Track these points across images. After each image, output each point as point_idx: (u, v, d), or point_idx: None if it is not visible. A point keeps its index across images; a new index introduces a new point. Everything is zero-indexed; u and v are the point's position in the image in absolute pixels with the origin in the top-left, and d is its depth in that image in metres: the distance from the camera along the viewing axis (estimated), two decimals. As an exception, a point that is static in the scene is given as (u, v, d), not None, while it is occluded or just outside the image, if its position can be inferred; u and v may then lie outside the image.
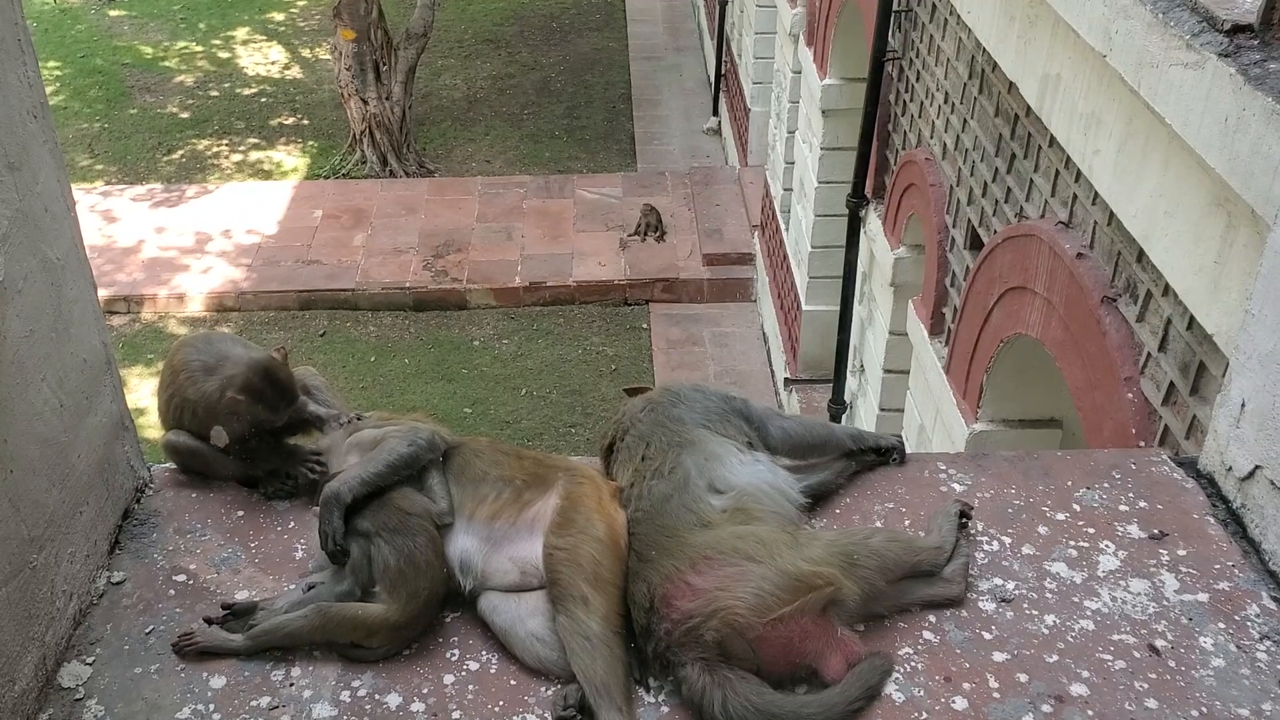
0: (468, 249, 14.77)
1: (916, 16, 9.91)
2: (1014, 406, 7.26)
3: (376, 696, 2.37)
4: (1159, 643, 2.47)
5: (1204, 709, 2.32)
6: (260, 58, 21.03)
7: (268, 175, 17.13)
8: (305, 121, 18.74)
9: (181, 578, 2.64)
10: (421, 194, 16.15)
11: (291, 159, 17.60)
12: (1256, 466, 2.66)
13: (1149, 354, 5.06)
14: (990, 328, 7.93)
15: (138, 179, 16.83)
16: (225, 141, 18.22)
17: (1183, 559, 2.67)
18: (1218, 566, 2.65)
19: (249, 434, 2.76)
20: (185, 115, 18.86)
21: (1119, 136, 5.81)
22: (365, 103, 16.87)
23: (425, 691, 2.38)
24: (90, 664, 2.43)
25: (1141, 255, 5.42)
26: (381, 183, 16.65)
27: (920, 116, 10.02)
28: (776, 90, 13.83)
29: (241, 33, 21.88)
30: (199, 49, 21.22)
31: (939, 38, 9.28)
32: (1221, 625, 2.51)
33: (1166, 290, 4.92)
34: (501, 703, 2.35)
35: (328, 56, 19.11)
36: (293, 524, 2.81)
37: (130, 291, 13.96)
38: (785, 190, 13.00)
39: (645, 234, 15.00)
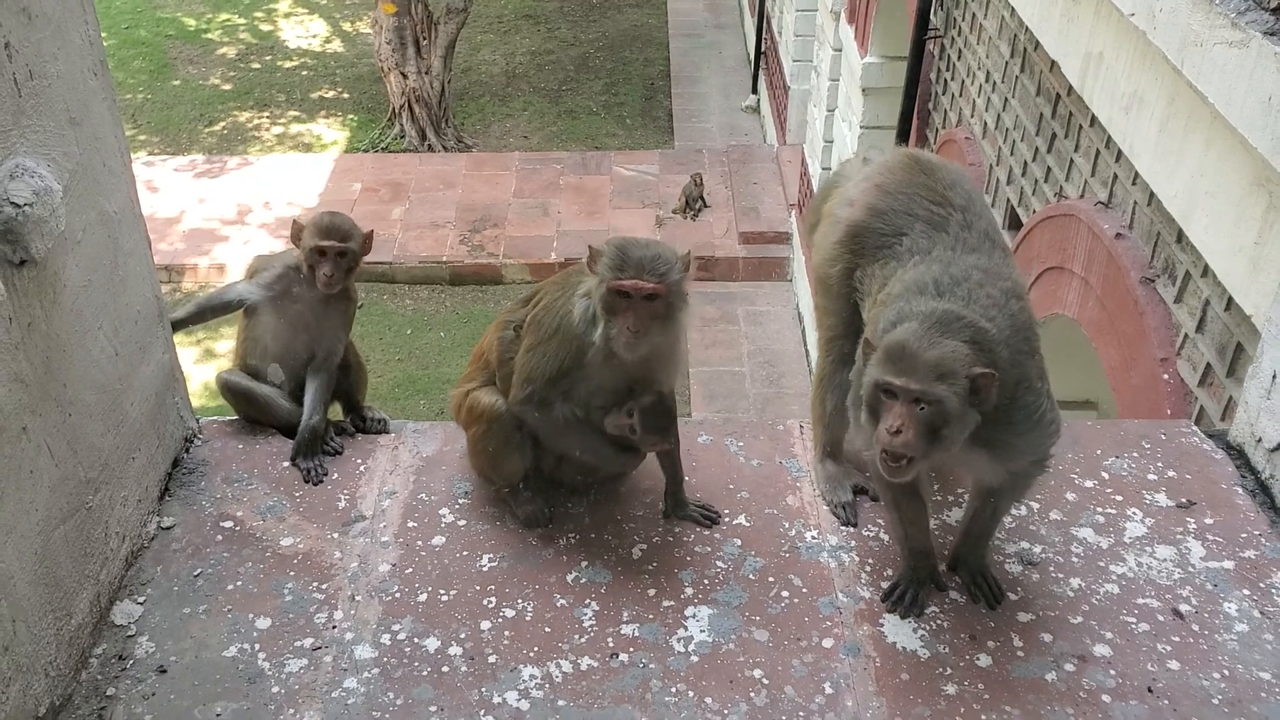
0: (504, 224, 14.83)
1: (959, -7, 9.85)
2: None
3: (416, 640, 2.44)
4: (1183, 607, 2.50)
5: (1225, 671, 2.36)
6: (302, 30, 21.15)
7: (308, 148, 17.25)
8: (345, 95, 18.85)
9: (229, 524, 2.73)
10: (459, 169, 16.21)
11: (331, 132, 17.72)
12: (1286, 437, 2.68)
13: (1186, 335, 5.06)
14: (1027, 308, 7.90)
15: (180, 150, 17.00)
16: (266, 114, 18.35)
17: (1209, 527, 2.70)
18: (1244, 535, 2.68)
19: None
20: (227, 87, 19.02)
21: (1160, 116, 5.78)
22: (405, 77, 16.95)
23: (463, 636, 2.45)
24: (141, 603, 2.52)
25: (1181, 236, 5.40)
26: (420, 157, 16.73)
27: (961, 95, 9.98)
28: (816, 68, 13.79)
29: (283, 5, 22.00)
30: (241, 21, 21.37)
31: (981, 16, 9.24)
32: (1246, 592, 2.54)
33: (1206, 271, 4.92)
34: (536, 648, 2.42)
35: (368, 30, 19.20)
36: (336, 475, 2.89)
37: (171, 261, 14.11)
38: (823, 169, 12.97)
39: (699, 205, 15.02)
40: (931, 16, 10.69)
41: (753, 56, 18.55)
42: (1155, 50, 5.65)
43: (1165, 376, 5.11)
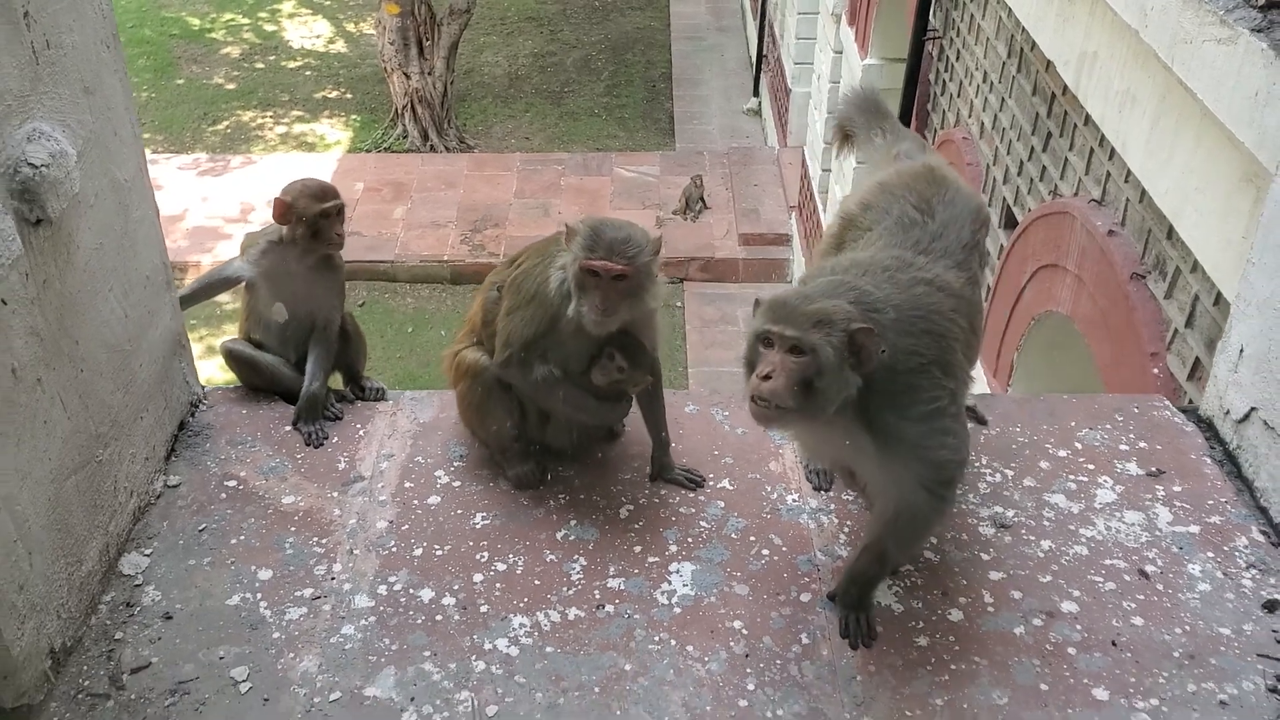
0: (505, 224, 14.94)
1: (957, -5, 9.96)
2: (1042, 384, 7.38)
3: (411, 590, 2.55)
4: (1149, 568, 2.60)
5: (1187, 627, 2.46)
6: (305, 31, 21.28)
7: (311, 148, 17.37)
8: (349, 95, 18.97)
9: (232, 483, 2.83)
10: (461, 169, 16.33)
11: (335, 132, 17.84)
12: (1252, 408, 2.78)
13: (1175, 329, 5.16)
14: (1022, 305, 8.02)
15: (183, 148, 17.13)
16: (270, 113, 18.46)
17: (1177, 494, 2.80)
18: (1210, 502, 2.78)
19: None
20: (231, 86, 19.14)
21: (1152, 114, 5.89)
22: (408, 77, 17.07)
23: (456, 587, 2.55)
24: (148, 555, 2.62)
25: (1171, 232, 5.51)
26: (422, 157, 16.84)
27: (959, 96, 10.09)
28: (817, 70, 13.90)
29: (287, 6, 22.14)
30: (245, 21, 21.50)
31: (979, 17, 9.34)
32: (1210, 555, 2.64)
33: (1195, 266, 5.02)
34: (526, 599, 2.52)
35: (372, 31, 19.32)
36: (336, 439, 2.99)
37: (175, 258, 14.16)
38: (824, 171, 13.08)
39: (699, 206, 15.12)
40: (930, 18, 10.80)
41: (754, 59, 18.68)
42: (1147, 48, 5.76)
43: (1155, 371, 5.21)
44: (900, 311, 2.29)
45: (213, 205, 15.31)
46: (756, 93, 18.57)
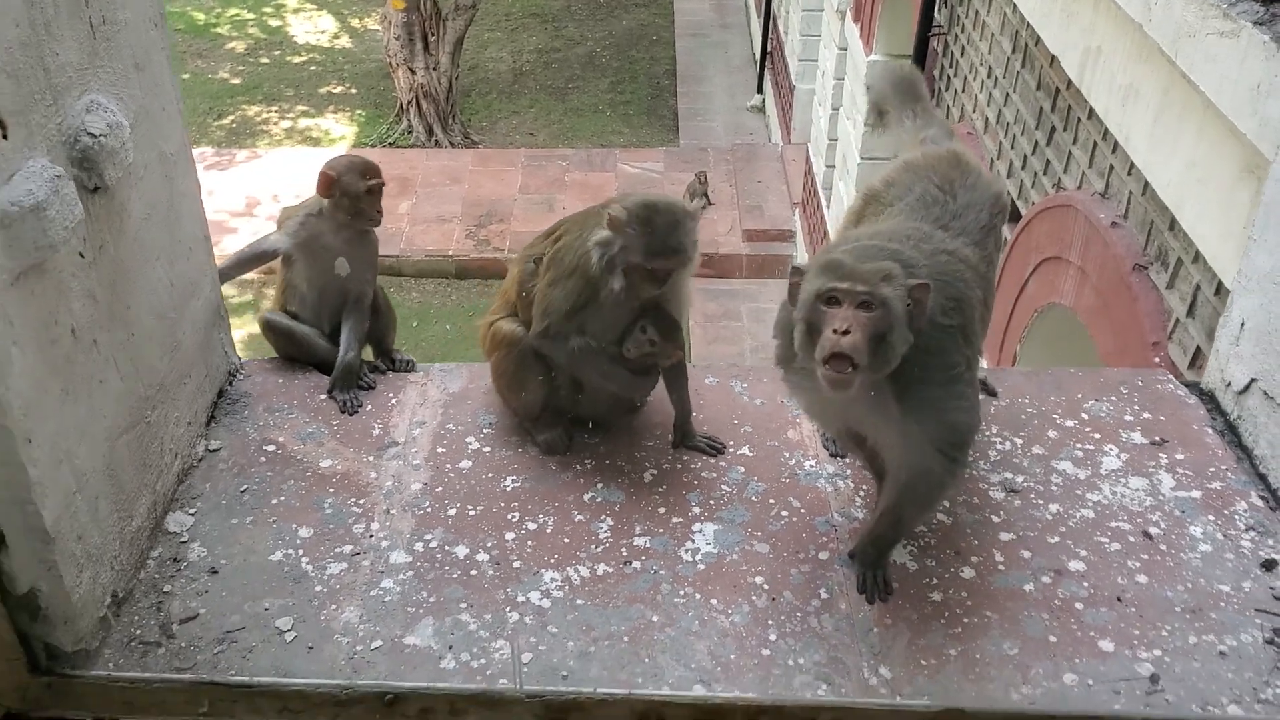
0: (510, 219, 15.05)
1: (961, -10, 10.07)
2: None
3: (446, 548, 2.66)
4: (1152, 530, 2.72)
5: (1189, 585, 2.57)
6: (310, 26, 21.40)
7: (316, 142, 17.49)
8: (353, 90, 19.09)
9: (271, 448, 2.94)
10: (466, 164, 16.45)
11: (340, 127, 17.96)
12: (1252, 379, 2.89)
13: (1177, 320, 5.27)
14: (1025, 298, 8.13)
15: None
16: (275, 108, 18.59)
17: (1180, 462, 2.92)
18: (1212, 469, 2.89)
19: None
20: (236, 81, 19.26)
21: (1155, 107, 6.00)
22: (413, 72, 17.19)
23: (489, 545, 2.66)
24: (192, 514, 2.73)
25: (1173, 223, 5.61)
26: (427, 152, 16.96)
27: (963, 91, 10.19)
28: (821, 67, 14.01)
29: (292, 1, 22.27)
30: (250, 16, 21.63)
31: (984, 12, 9.44)
32: (1211, 518, 2.75)
33: (1196, 257, 5.13)
34: (556, 556, 2.64)
35: (377, 27, 19.45)
36: (369, 407, 3.10)
37: (183, 249, 14.34)
38: (828, 167, 13.18)
39: (703, 201, 15.23)
40: (935, 14, 10.89)
41: (758, 56, 18.79)
42: (1151, 42, 5.87)
43: (1157, 360, 5.32)
44: (929, 275, 2.37)
45: (218, 199, 15.42)
46: (761, 89, 18.69)
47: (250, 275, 3.27)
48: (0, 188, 2.01)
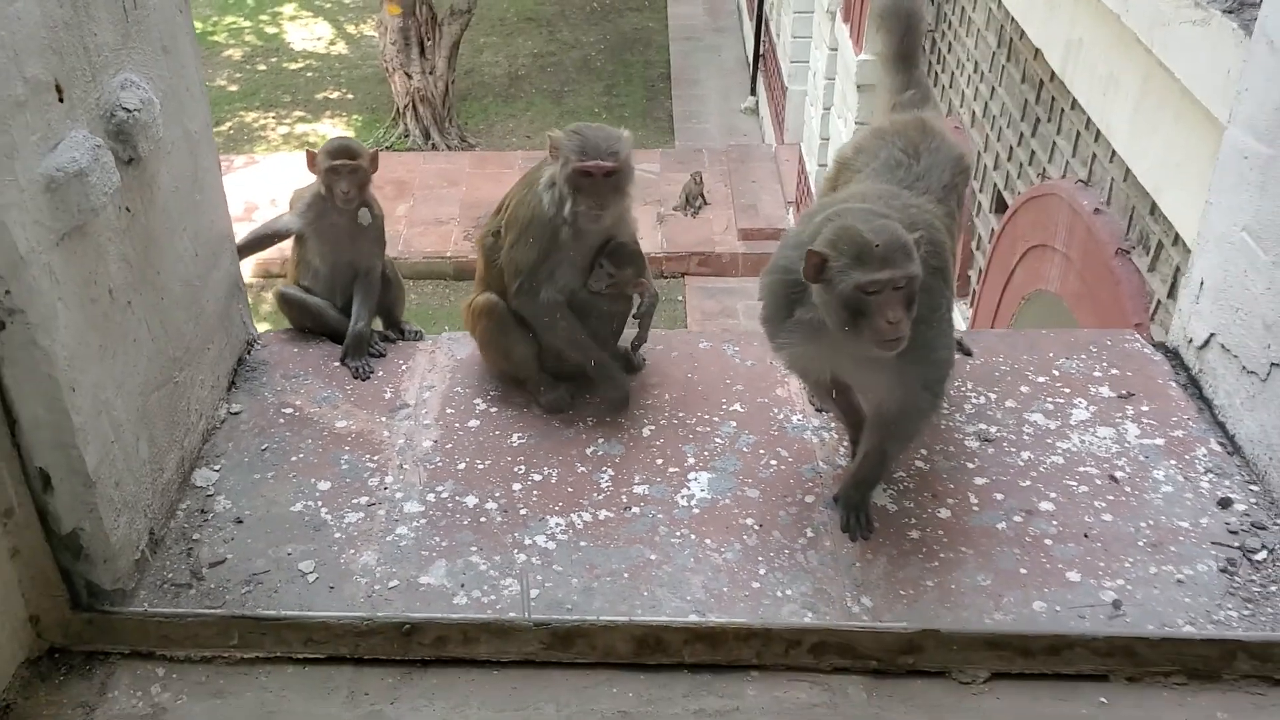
0: (508, 220, 15.22)
1: (948, -12, 10.27)
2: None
3: (457, 498, 2.84)
4: (1118, 474, 2.90)
5: (1151, 522, 2.75)
6: (307, 33, 21.59)
7: (313, 147, 17.59)
8: (350, 96, 19.27)
9: (289, 410, 3.12)
10: (463, 167, 16.63)
11: (337, 131, 18.12)
12: (1211, 334, 3.08)
13: (1158, 300, 5.46)
14: (1013, 286, 8.31)
15: (190, 148, 17.40)
16: (272, 114, 18.77)
17: (1145, 413, 3.10)
18: (1175, 419, 3.07)
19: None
20: (233, 88, 19.44)
21: (1135, 95, 6.20)
22: (409, 77, 17.38)
23: (497, 495, 2.84)
24: (217, 470, 2.91)
25: (1154, 208, 5.80)
26: (424, 155, 17.15)
27: (951, 87, 10.38)
28: (813, 68, 14.21)
29: (289, 8, 22.45)
30: (247, 24, 21.81)
31: (970, 9, 9.64)
32: (1173, 463, 2.93)
33: (1176, 239, 5.32)
34: (560, 504, 2.82)
35: (373, 33, 19.63)
36: (381, 373, 3.28)
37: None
38: (820, 166, 13.38)
39: (699, 202, 15.42)
40: (922, 11, 11.04)
41: (751, 59, 19.01)
42: (1129, 32, 6.07)
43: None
44: (909, 229, 2.52)
45: (219, 204, 15.52)
46: (754, 91, 18.91)
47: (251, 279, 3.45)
48: (47, 155, 2.19)
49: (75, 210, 2.25)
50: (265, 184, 15.95)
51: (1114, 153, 6.57)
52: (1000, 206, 8.92)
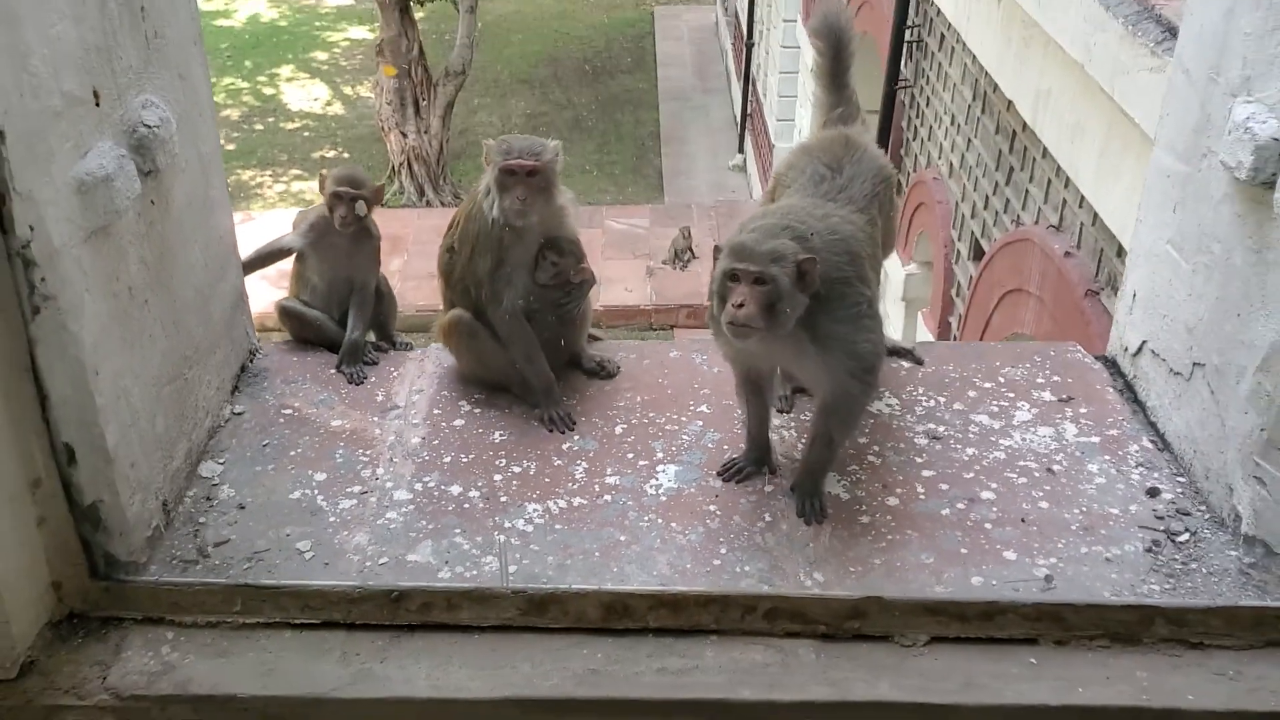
0: (500, 273, 15.51)
1: (926, 46, 10.66)
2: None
3: (442, 487, 3.07)
4: (1055, 467, 3.14)
5: (1084, 509, 2.99)
6: (304, 94, 22.06)
7: (309, 204, 17.96)
8: (346, 154, 19.68)
9: (288, 411, 3.36)
10: (457, 222, 16.94)
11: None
12: (1143, 341, 3.33)
13: (1128, 342, 5.71)
14: (991, 330, 8.58)
15: (190, 203, 17.74)
16: (269, 172, 19.17)
17: (1083, 415, 3.35)
18: (1110, 420, 3.32)
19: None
20: (231, 147, 19.83)
21: (1100, 141, 6.52)
22: (404, 136, 17.80)
23: (480, 484, 3.08)
24: (221, 463, 3.14)
25: (1120, 250, 6.08)
26: (418, 211, 17.52)
27: (929, 139, 10.74)
28: (798, 125, 14.61)
29: (286, 70, 22.96)
30: (245, 85, 22.29)
31: (946, 65, 10.02)
32: (1107, 458, 3.18)
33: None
34: (538, 492, 3.05)
35: (369, 94, 20.09)
36: (373, 379, 3.53)
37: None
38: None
39: (687, 254, 15.74)
40: (901, 68, 11.45)
41: (739, 118, 19.47)
42: (1093, 82, 6.40)
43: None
44: (823, 238, 2.89)
45: (218, 256, 15.79)
46: (741, 149, 19.35)
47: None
48: (79, 161, 2.45)
49: (102, 211, 2.51)
50: (262, 240, 16.08)
51: (1082, 198, 6.87)
52: (978, 254, 9.22)
